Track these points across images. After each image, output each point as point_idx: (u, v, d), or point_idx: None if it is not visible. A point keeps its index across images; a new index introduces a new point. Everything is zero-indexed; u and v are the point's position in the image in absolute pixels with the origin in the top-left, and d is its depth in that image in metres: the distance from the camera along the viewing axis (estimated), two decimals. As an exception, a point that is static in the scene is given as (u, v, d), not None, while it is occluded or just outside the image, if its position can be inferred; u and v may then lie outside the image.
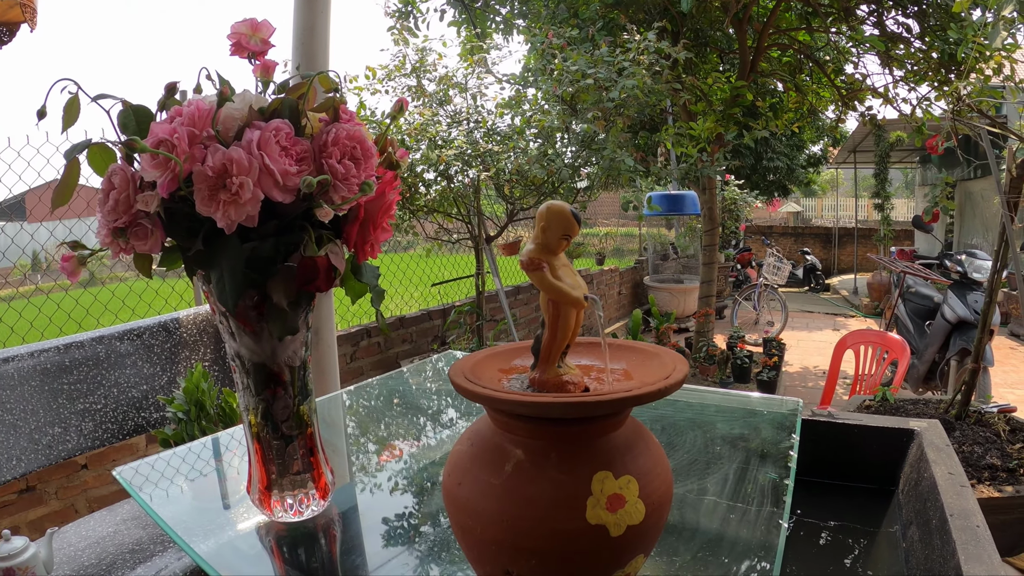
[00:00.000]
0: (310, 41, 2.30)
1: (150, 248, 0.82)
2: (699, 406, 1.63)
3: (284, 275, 0.79)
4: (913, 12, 4.82)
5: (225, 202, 0.70)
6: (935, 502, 1.34)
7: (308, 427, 0.99)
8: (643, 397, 0.62)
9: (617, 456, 0.66)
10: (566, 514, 0.62)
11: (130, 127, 0.80)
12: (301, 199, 0.75)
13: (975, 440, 2.40)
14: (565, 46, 3.89)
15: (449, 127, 3.85)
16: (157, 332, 2.32)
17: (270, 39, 0.90)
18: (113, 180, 0.80)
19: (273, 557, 1.03)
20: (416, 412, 1.74)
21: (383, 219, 0.84)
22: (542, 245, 0.70)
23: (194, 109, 0.74)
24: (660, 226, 9.27)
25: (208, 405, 2.06)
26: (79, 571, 1.71)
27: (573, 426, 0.65)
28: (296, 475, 1.00)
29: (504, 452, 0.67)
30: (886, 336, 3.71)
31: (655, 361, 0.75)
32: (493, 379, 0.74)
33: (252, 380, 0.93)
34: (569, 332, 0.71)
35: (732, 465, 1.28)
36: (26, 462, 1.95)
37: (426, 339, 4.58)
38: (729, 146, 5.49)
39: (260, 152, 0.70)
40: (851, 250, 13.26)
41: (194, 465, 1.43)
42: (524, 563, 0.64)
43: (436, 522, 1.11)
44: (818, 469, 1.67)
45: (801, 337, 7.42)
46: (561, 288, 0.69)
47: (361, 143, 0.76)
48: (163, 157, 0.70)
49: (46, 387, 2.03)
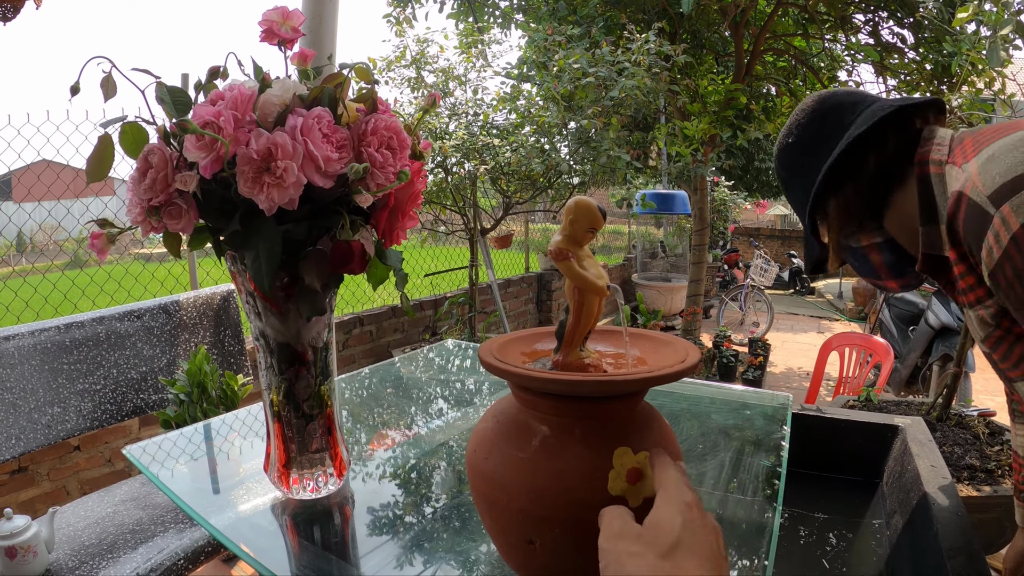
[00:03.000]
0: (318, 29, 2.33)
1: (183, 227, 0.85)
2: (694, 398, 1.68)
3: (317, 258, 0.83)
4: (909, 23, 4.89)
5: (269, 185, 0.73)
6: (918, 493, 1.40)
7: (328, 407, 1.03)
8: (663, 378, 0.67)
9: (635, 433, 0.70)
10: (590, 485, 0.66)
11: (167, 103, 0.83)
12: (339, 185, 0.78)
13: (955, 441, 2.47)
14: (565, 43, 3.92)
15: (449, 119, 3.88)
16: (157, 314, 2.34)
17: (300, 27, 0.94)
18: (151, 159, 0.82)
19: (288, 533, 1.07)
20: (410, 400, 1.78)
21: (411, 207, 0.88)
22: (569, 236, 0.74)
23: (237, 94, 0.77)
24: (649, 224, 9.33)
25: (210, 387, 2.09)
26: (80, 550, 1.73)
27: (596, 404, 0.69)
28: (315, 453, 1.03)
29: (530, 428, 0.71)
30: (870, 339, 3.79)
31: (668, 348, 0.80)
32: (517, 360, 0.78)
33: (276, 359, 0.97)
34: (592, 318, 0.75)
35: (727, 453, 1.33)
36: (25, 441, 1.96)
37: (417, 329, 4.61)
38: (722, 147, 5.55)
39: (304, 138, 0.74)
40: (836, 254, 13.35)
41: (196, 446, 1.45)
42: (548, 532, 0.68)
43: (446, 500, 1.15)
44: (806, 461, 1.73)
45: (786, 338, 7.52)
46: (586, 277, 0.73)
47: (397, 133, 0.80)
48: (209, 138, 0.73)
49: (46, 367, 2.04)
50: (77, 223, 3.32)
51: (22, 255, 6.50)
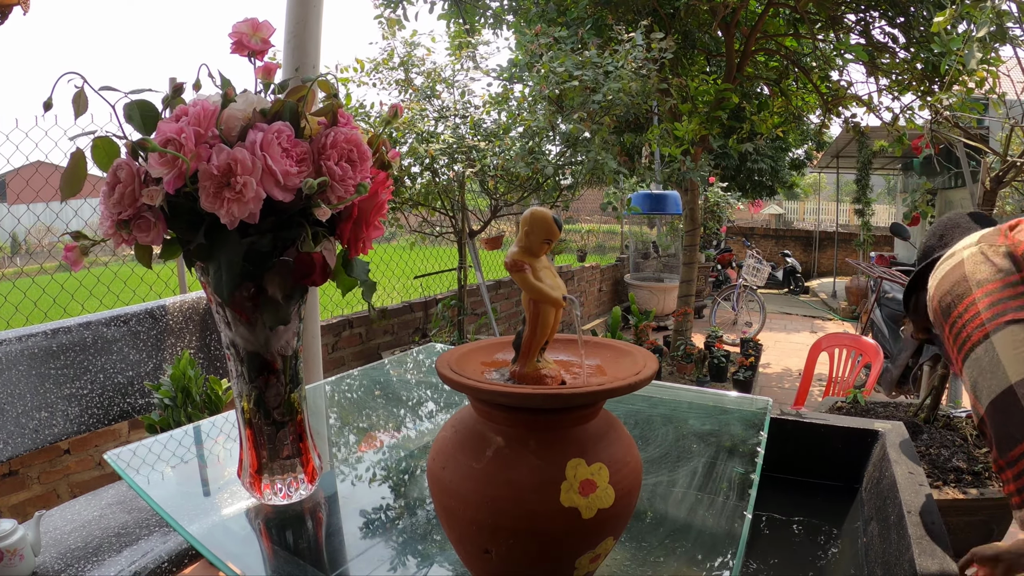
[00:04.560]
0: (303, 34, 2.33)
1: (152, 240, 0.86)
2: (672, 403, 1.69)
3: (281, 269, 0.84)
4: (900, 23, 4.90)
5: (229, 199, 0.74)
6: (894, 499, 1.41)
7: (298, 414, 1.04)
8: (614, 391, 0.68)
9: (590, 445, 0.71)
10: (541, 497, 0.67)
11: (135, 120, 0.84)
12: (300, 198, 0.79)
13: (942, 443, 2.48)
14: (553, 44, 3.93)
15: (436, 121, 3.89)
16: (143, 319, 2.34)
17: (270, 39, 0.95)
18: (119, 174, 0.83)
19: (262, 538, 1.08)
20: (397, 402, 1.79)
21: (375, 217, 0.89)
22: (525, 248, 0.75)
23: (200, 109, 0.78)
24: (642, 224, 9.33)
25: (194, 392, 2.09)
26: (66, 553, 1.73)
27: (550, 416, 0.70)
28: (286, 459, 1.04)
29: (485, 439, 0.72)
30: (860, 340, 3.80)
31: (628, 358, 0.81)
32: (476, 371, 0.79)
33: (246, 368, 0.98)
34: (548, 329, 0.76)
35: (702, 459, 1.34)
36: (12, 446, 1.96)
37: (407, 331, 4.62)
38: (713, 150, 5.56)
39: (263, 153, 0.75)
40: (831, 254, 13.43)
41: (180, 450, 1.46)
42: (502, 542, 0.69)
43: (418, 506, 1.16)
44: (786, 466, 1.74)
45: (779, 338, 7.54)
46: (541, 289, 0.74)
47: (358, 146, 0.81)
48: (170, 155, 0.74)
49: (33, 371, 2.04)
50: (67, 227, 3.32)
51: (15, 256, 6.50)
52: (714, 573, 0.94)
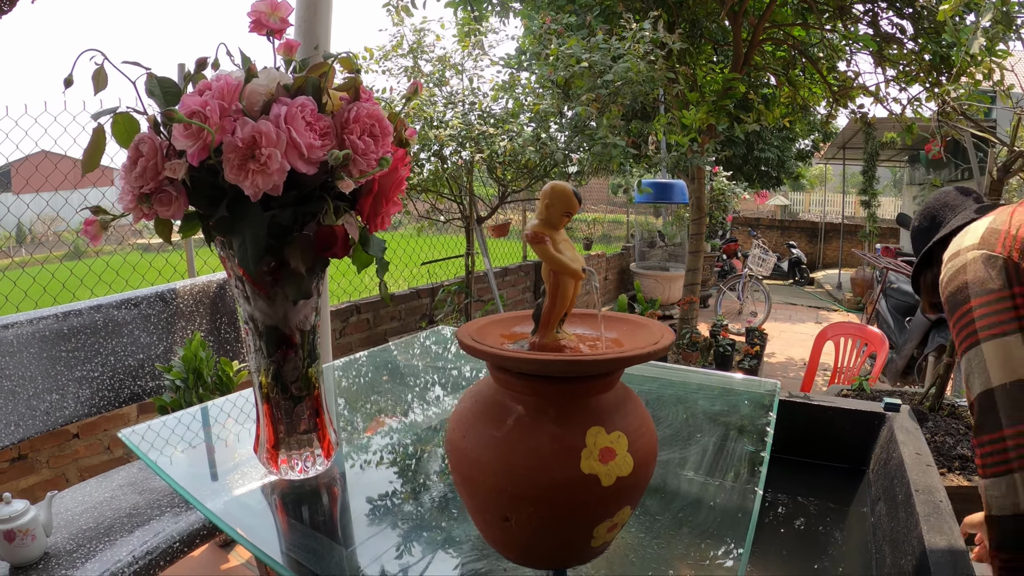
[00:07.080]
0: (312, 19, 2.34)
1: (173, 214, 0.87)
2: (682, 384, 1.70)
3: (302, 242, 0.85)
4: (908, 14, 4.88)
5: (253, 171, 0.75)
6: (902, 479, 1.42)
7: (315, 388, 1.05)
8: (633, 359, 0.69)
9: (608, 413, 0.72)
10: (562, 464, 0.68)
11: (156, 94, 0.85)
12: (322, 171, 0.80)
13: (947, 431, 2.48)
14: (562, 31, 3.92)
15: (445, 107, 3.89)
16: (154, 302, 2.36)
17: (288, 18, 0.95)
18: (141, 148, 0.84)
19: (278, 512, 1.09)
20: (406, 384, 1.80)
21: (394, 193, 0.90)
22: (545, 220, 0.76)
23: (223, 84, 0.79)
24: (648, 214, 9.33)
25: (206, 373, 2.11)
26: (77, 534, 1.75)
27: (570, 384, 0.71)
28: (303, 434, 1.06)
29: (505, 408, 0.73)
30: (865, 329, 3.80)
31: (644, 331, 0.82)
32: (496, 342, 0.80)
33: (265, 342, 0.99)
34: (567, 301, 0.77)
35: (712, 438, 1.35)
36: (24, 428, 1.98)
37: (414, 317, 4.63)
38: (720, 137, 5.55)
39: (287, 126, 0.76)
40: (836, 245, 13.41)
41: (193, 428, 1.47)
42: (522, 510, 0.70)
43: (434, 481, 1.17)
44: (794, 448, 1.75)
45: (783, 328, 7.54)
46: (562, 260, 0.75)
47: (379, 121, 0.82)
48: (195, 127, 0.75)
49: (44, 354, 2.05)
50: (76, 214, 3.33)
51: (21, 246, 6.52)
52: (726, 547, 0.95)
